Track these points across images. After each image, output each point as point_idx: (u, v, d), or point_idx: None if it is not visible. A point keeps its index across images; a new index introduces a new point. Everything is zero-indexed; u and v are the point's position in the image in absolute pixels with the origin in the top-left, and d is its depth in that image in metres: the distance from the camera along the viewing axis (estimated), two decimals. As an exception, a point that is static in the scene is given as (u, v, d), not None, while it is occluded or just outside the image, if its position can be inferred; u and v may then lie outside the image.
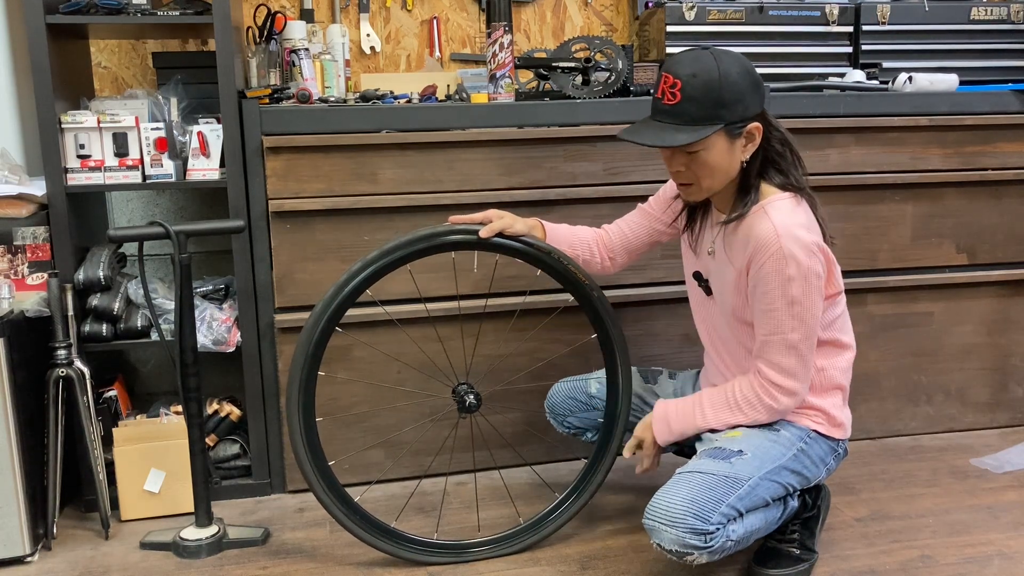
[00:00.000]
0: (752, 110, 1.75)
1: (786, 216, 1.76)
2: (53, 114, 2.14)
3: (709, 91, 1.70)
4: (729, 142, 1.76)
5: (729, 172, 1.80)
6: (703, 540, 1.67)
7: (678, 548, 1.68)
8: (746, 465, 1.76)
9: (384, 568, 2.00)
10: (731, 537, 1.71)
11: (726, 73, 1.71)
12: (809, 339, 1.78)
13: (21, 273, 2.21)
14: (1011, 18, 2.78)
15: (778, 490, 1.81)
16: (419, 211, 2.30)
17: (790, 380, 1.79)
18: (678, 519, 1.67)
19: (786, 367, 1.78)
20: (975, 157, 2.57)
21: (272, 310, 2.28)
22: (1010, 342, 2.70)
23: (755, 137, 1.77)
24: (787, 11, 2.69)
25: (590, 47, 2.45)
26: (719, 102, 1.71)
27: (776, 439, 1.84)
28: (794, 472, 1.83)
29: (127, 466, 2.20)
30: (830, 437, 1.90)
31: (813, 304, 1.76)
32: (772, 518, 1.83)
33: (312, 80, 2.44)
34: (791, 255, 1.73)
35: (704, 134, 1.71)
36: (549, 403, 2.24)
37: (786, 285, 1.74)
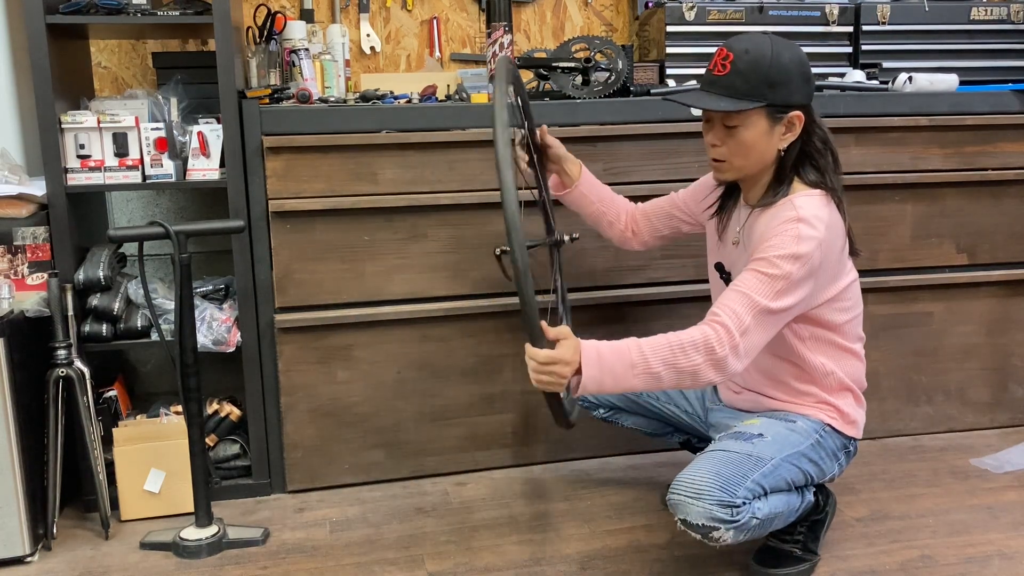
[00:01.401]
0: (797, 98, 1.76)
1: (813, 207, 1.75)
2: (53, 114, 2.14)
3: (758, 68, 1.72)
4: (769, 124, 1.76)
5: (764, 156, 1.80)
6: (730, 513, 1.66)
7: (705, 522, 1.66)
8: (768, 447, 1.78)
9: (384, 568, 2.00)
10: (756, 515, 1.70)
11: (778, 55, 1.73)
12: (774, 322, 1.72)
13: (21, 273, 2.21)
14: (1011, 18, 2.78)
15: (798, 476, 1.81)
16: (419, 211, 2.30)
17: (744, 339, 1.68)
18: (704, 492, 1.66)
19: (746, 326, 1.68)
20: (975, 157, 2.57)
21: (272, 310, 2.28)
22: (1010, 342, 2.70)
23: (795, 127, 1.78)
24: (787, 11, 2.69)
25: (590, 47, 2.46)
26: (766, 80, 1.72)
27: (793, 428, 1.85)
28: (812, 461, 1.84)
29: (127, 466, 2.20)
30: (843, 433, 1.90)
31: (796, 292, 1.72)
32: (792, 506, 1.82)
33: (312, 80, 2.44)
34: (807, 237, 1.71)
35: (745, 106, 1.73)
36: None
37: (786, 259, 1.70)
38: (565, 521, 2.20)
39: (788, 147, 1.80)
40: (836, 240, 1.79)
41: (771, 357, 1.91)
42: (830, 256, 1.78)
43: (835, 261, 1.81)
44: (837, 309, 1.86)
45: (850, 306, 1.89)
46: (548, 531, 2.15)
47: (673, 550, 2.04)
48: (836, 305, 1.85)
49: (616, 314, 2.46)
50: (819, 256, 1.73)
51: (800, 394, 1.91)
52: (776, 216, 1.77)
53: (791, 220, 1.73)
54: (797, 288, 1.72)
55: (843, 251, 1.84)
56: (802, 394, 1.91)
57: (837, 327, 1.87)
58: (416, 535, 2.14)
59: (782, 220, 1.75)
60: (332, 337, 2.32)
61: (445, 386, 2.38)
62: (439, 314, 2.34)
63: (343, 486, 2.40)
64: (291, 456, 2.35)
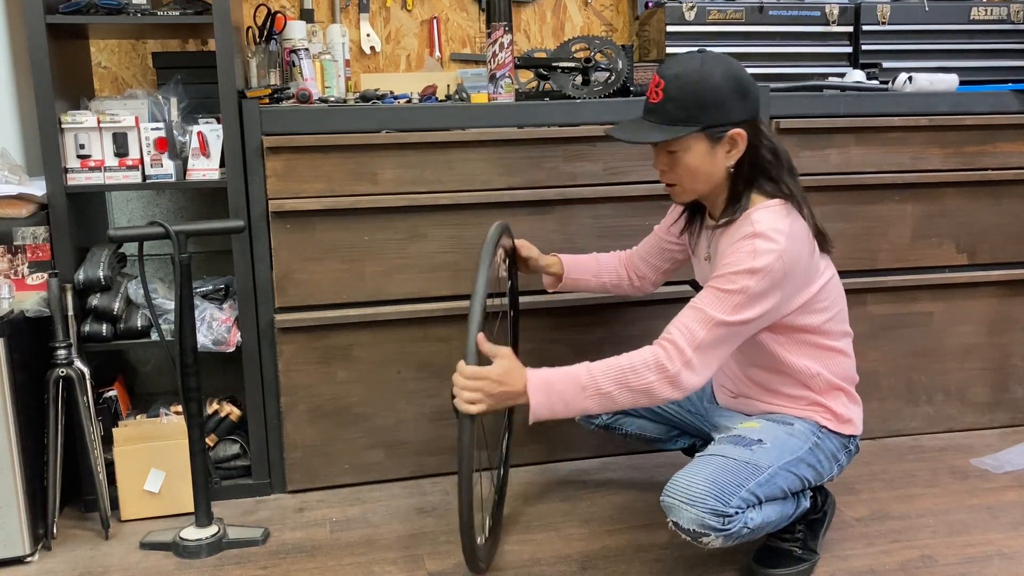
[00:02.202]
0: (735, 116, 1.74)
1: (769, 219, 1.74)
2: (53, 114, 2.14)
3: (690, 93, 1.72)
4: (709, 145, 1.76)
5: (712, 177, 1.80)
6: (722, 522, 1.65)
7: (696, 528, 1.66)
8: (767, 454, 1.77)
9: (384, 568, 2.00)
10: (748, 524, 1.70)
11: (708, 76, 1.72)
12: (733, 335, 1.71)
13: (21, 273, 2.21)
14: (1011, 18, 2.78)
15: (795, 482, 1.80)
16: (419, 211, 2.30)
17: (698, 354, 1.67)
18: (698, 499, 1.65)
19: (700, 340, 1.67)
20: (975, 157, 2.57)
21: (272, 310, 2.28)
22: (1010, 342, 2.70)
23: (738, 144, 1.76)
24: (787, 11, 2.69)
25: (590, 47, 2.45)
26: (699, 104, 1.72)
27: (792, 432, 1.84)
28: (810, 466, 1.83)
29: (127, 466, 2.20)
30: (840, 433, 1.90)
31: (757, 305, 1.70)
32: (786, 512, 1.82)
33: (312, 80, 2.44)
34: (764, 250, 1.69)
35: (677, 134, 1.73)
36: None
37: (743, 274, 1.69)
38: (565, 521, 2.20)
39: (737, 164, 1.78)
40: (801, 248, 1.76)
41: (756, 367, 1.92)
42: (796, 265, 1.75)
43: (804, 269, 1.78)
44: (813, 311, 1.83)
45: (827, 306, 1.86)
46: (548, 531, 2.15)
47: (673, 550, 2.04)
48: (811, 307, 1.83)
49: (615, 315, 2.46)
50: (781, 267, 1.70)
51: (792, 398, 1.91)
52: (736, 233, 1.77)
53: (748, 236, 1.72)
54: (757, 301, 1.70)
55: (812, 255, 1.81)
56: (794, 398, 1.91)
57: (816, 328, 1.85)
58: (416, 535, 2.14)
59: (740, 237, 1.74)
60: (332, 337, 2.32)
61: (445, 386, 2.38)
62: (439, 314, 2.34)
63: (343, 486, 2.40)
64: (291, 456, 2.35)
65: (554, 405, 1.69)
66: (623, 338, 2.48)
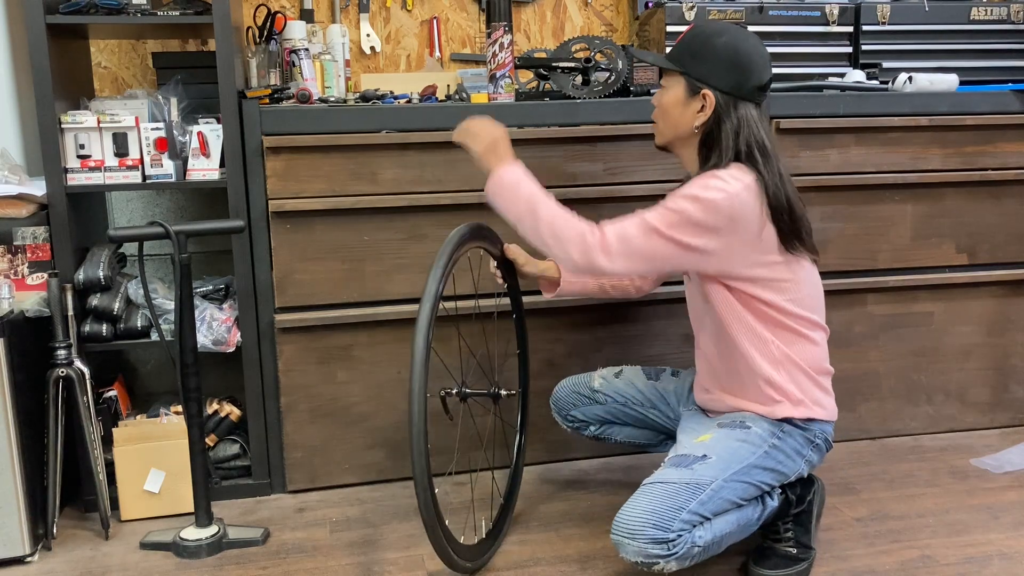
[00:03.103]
0: (715, 80, 1.82)
1: (734, 170, 1.79)
2: (53, 114, 2.14)
3: (690, 40, 1.87)
4: (686, 95, 1.86)
5: (678, 125, 1.88)
6: (665, 548, 1.67)
7: (642, 559, 1.69)
8: (709, 469, 1.76)
9: (384, 568, 2.00)
10: (697, 543, 1.70)
11: (714, 35, 1.85)
12: (661, 246, 1.77)
13: (21, 273, 2.21)
14: (1011, 18, 2.78)
15: (749, 490, 1.80)
16: (419, 211, 2.30)
17: (618, 243, 1.77)
18: (638, 531, 1.68)
19: (627, 234, 1.77)
20: (975, 157, 2.57)
21: (272, 310, 2.28)
22: (1010, 342, 2.70)
23: (706, 106, 1.83)
24: (787, 11, 2.69)
25: (590, 47, 2.45)
26: (691, 52, 1.85)
27: (745, 438, 1.84)
28: (767, 469, 1.83)
29: (127, 466, 2.20)
30: (803, 428, 1.87)
31: (696, 233, 1.76)
32: (748, 519, 1.82)
33: (312, 80, 2.44)
34: (715, 187, 1.75)
35: (664, 64, 1.90)
36: (554, 398, 2.25)
37: (687, 200, 1.76)
38: (565, 521, 2.20)
39: (702, 127, 1.85)
40: (757, 203, 1.78)
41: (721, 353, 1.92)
42: (745, 215, 1.77)
43: (756, 224, 1.79)
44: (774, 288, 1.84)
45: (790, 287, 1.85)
46: (548, 531, 2.15)
47: (673, 550, 2.04)
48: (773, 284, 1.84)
49: (615, 315, 2.46)
50: (727, 207, 1.74)
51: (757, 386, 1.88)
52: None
53: (706, 175, 1.80)
54: (694, 230, 1.75)
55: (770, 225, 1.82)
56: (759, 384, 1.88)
57: (778, 307, 1.85)
58: (416, 535, 2.14)
59: (699, 176, 1.83)
60: (332, 337, 2.32)
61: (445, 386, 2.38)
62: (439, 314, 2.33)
63: (343, 486, 2.40)
64: (291, 456, 2.35)
65: (504, 192, 1.87)
66: (623, 338, 2.48)
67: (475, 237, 1.98)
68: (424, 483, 1.74)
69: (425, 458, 1.74)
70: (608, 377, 2.21)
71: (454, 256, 1.87)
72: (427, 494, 1.75)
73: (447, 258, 1.84)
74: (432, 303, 1.79)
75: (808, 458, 1.90)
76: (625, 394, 2.18)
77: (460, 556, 1.86)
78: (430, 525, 1.77)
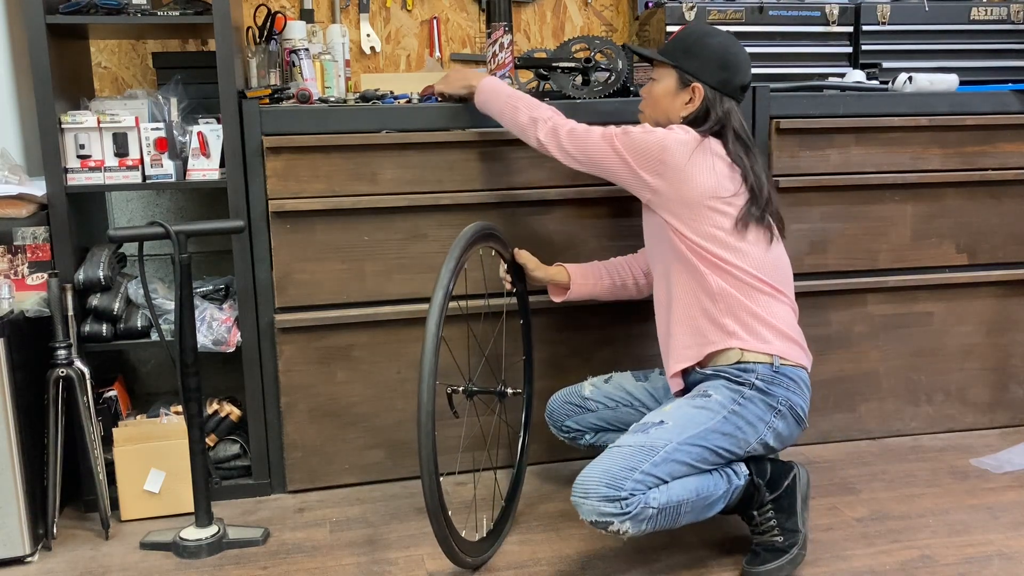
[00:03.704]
0: (706, 76, 1.97)
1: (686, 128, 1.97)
2: (53, 114, 2.14)
3: (683, 37, 2.03)
4: (676, 86, 2.01)
5: (666, 114, 2.03)
6: (619, 507, 1.72)
7: (596, 518, 1.73)
8: (664, 432, 1.82)
9: (384, 568, 2.00)
10: (651, 504, 1.74)
11: (706, 35, 2.02)
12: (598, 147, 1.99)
13: (21, 273, 2.21)
14: (1011, 18, 2.78)
15: (705, 455, 1.82)
16: (419, 211, 2.30)
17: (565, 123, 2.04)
18: (591, 490, 1.73)
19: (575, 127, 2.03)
20: (975, 157, 2.57)
21: (272, 310, 2.28)
22: (1010, 342, 2.70)
23: (695, 97, 1.98)
24: (787, 11, 2.69)
25: (590, 47, 2.45)
26: (683, 48, 2.00)
27: (705, 404, 1.86)
28: (726, 435, 1.84)
29: (127, 466, 2.20)
30: (765, 392, 1.87)
31: (627, 145, 1.95)
32: (709, 490, 1.83)
33: (312, 80, 2.44)
34: (667, 127, 1.97)
35: (658, 57, 2.03)
36: (548, 410, 2.27)
37: (630, 125, 1.99)
38: (565, 521, 2.20)
39: (688, 117, 1.99)
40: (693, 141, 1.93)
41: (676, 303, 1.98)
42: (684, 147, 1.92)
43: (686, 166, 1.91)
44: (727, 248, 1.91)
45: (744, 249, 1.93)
46: (548, 531, 2.15)
47: (673, 551, 2.04)
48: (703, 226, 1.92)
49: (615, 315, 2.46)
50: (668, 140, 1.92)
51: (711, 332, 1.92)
52: None
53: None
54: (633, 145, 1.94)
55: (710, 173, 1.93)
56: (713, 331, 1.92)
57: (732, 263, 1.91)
58: (416, 535, 2.14)
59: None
60: (332, 337, 2.32)
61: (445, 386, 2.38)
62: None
63: (343, 486, 2.40)
64: (291, 456, 2.35)
65: (489, 95, 2.15)
66: (623, 338, 2.48)
67: (488, 237, 2.03)
68: (430, 469, 1.76)
69: (432, 443, 1.76)
70: (598, 384, 2.24)
71: (467, 250, 1.91)
72: (432, 480, 1.76)
73: (461, 250, 1.89)
74: (445, 291, 1.82)
75: (772, 425, 1.89)
76: (615, 398, 2.20)
77: (463, 550, 1.86)
78: (434, 513, 1.77)
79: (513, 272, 2.19)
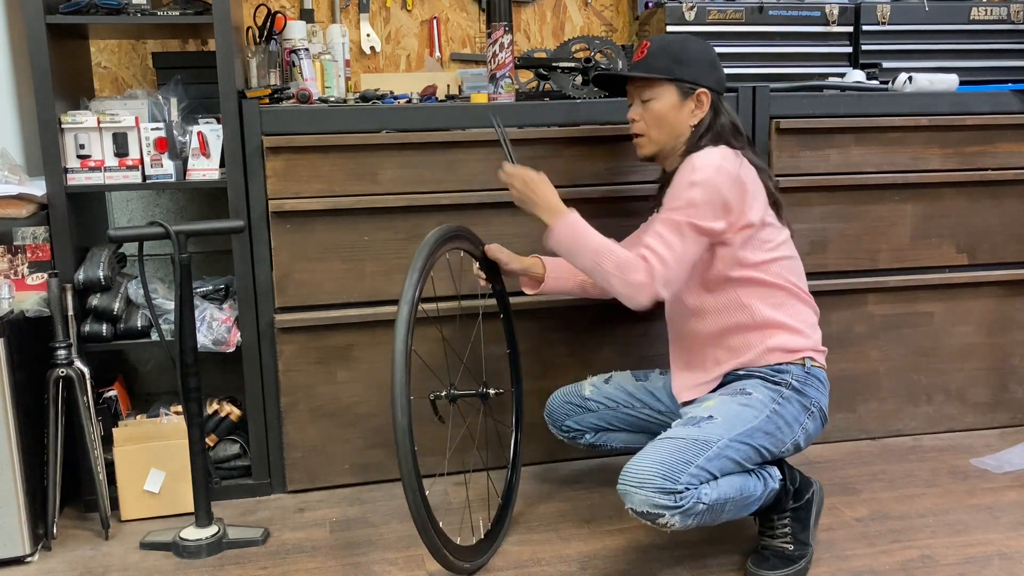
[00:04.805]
0: (704, 80, 1.96)
1: (706, 151, 1.90)
2: (53, 114, 2.14)
3: (668, 50, 1.98)
4: (679, 98, 1.96)
5: (676, 129, 1.97)
6: (673, 500, 1.69)
7: (648, 509, 1.70)
8: (716, 428, 1.80)
9: (384, 568, 2.00)
10: (702, 499, 1.72)
11: (686, 42, 2.00)
12: (690, 244, 1.84)
13: (21, 273, 2.21)
14: (1011, 18, 2.78)
15: (751, 453, 1.82)
16: (419, 211, 2.30)
17: (666, 250, 1.83)
18: (647, 480, 1.70)
19: (668, 240, 1.84)
20: (975, 157, 2.57)
21: (272, 310, 2.28)
22: (1010, 342, 2.70)
23: (703, 103, 1.95)
24: (787, 11, 2.69)
25: (590, 47, 2.45)
26: (675, 60, 1.96)
27: (748, 402, 1.86)
28: (767, 433, 1.84)
29: (127, 466, 2.20)
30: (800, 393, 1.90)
31: (707, 213, 1.84)
32: (749, 489, 1.82)
33: (312, 80, 2.44)
34: (698, 166, 1.86)
35: (654, 75, 1.96)
36: (547, 410, 2.26)
37: (688, 189, 1.84)
38: (565, 521, 2.20)
39: (698, 124, 1.96)
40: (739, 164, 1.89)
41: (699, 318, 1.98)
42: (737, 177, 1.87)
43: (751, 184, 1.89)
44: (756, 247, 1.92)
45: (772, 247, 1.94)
46: (548, 531, 2.15)
47: (673, 550, 2.04)
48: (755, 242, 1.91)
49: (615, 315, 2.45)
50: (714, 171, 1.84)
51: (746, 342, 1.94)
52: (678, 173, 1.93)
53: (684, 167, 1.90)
54: (710, 203, 1.84)
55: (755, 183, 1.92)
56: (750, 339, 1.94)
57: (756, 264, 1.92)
58: (416, 535, 2.11)
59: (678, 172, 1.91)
60: (332, 337, 2.32)
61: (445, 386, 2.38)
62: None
63: (343, 486, 2.40)
64: (291, 456, 2.35)
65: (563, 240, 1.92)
66: (623, 338, 2.48)
67: (452, 239, 1.98)
68: (413, 486, 1.74)
69: (412, 461, 1.75)
70: (598, 384, 2.22)
71: (430, 260, 1.88)
72: (417, 497, 1.75)
73: (423, 261, 1.85)
74: (410, 307, 1.80)
75: (805, 426, 1.92)
76: (616, 398, 2.19)
77: (457, 557, 1.86)
78: (423, 528, 1.77)
79: (486, 269, 2.15)
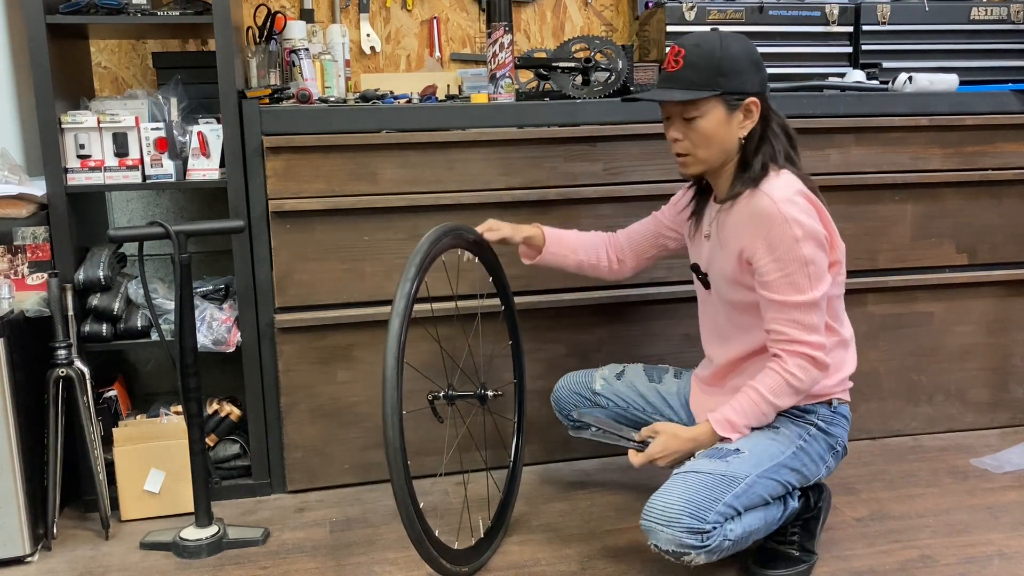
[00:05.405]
0: (751, 86, 1.80)
1: (782, 186, 1.79)
2: (53, 114, 2.14)
3: (710, 60, 1.77)
4: (727, 113, 1.80)
5: (725, 145, 1.83)
6: (700, 539, 1.67)
7: (675, 548, 1.68)
8: (743, 463, 1.77)
9: (384, 568, 2.00)
10: (728, 536, 1.71)
11: (727, 46, 1.78)
12: (824, 297, 1.79)
13: (21, 273, 2.21)
14: (1011, 18, 2.79)
15: (777, 488, 1.81)
16: (419, 211, 2.30)
17: (817, 335, 1.78)
18: (674, 519, 1.67)
19: (811, 324, 1.77)
20: (975, 157, 2.57)
21: (272, 310, 2.28)
22: (1010, 342, 2.70)
23: (753, 113, 1.81)
24: (787, 11, 2.69)
25: (590, 47, 2.45)
26: (718, 71, 1.77)
27: (775, 437, 1.84)
28: (793, 470, 1.84)
29: (127, 466, 2.20)
30: (827, 432, 1.90)
31: (823, 262, 1.79)
32: (772, 518, 1.83)
33: (312, 80, 2.44)
34: (794, 219, 1.75)
35: (700, 95, 1.77)
36: (554, 396, 2.24)
37: (795, 247, 1.75)
38: (565, 521, 2.20)
39: (748, 135, 1.83)
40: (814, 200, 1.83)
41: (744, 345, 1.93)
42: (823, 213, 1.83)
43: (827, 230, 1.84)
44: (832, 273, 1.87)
45: (838, 278, 1.90)
46: (548, 531, 2.15)
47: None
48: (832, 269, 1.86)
49: (615, 314, 2.46)
50: (807, 218, 1.77)
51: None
52: (753, 211, 1.79)
53: (773, 220, 1.76)
54: (819, 251, 1.78)
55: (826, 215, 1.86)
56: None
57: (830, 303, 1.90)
58: (416, 535, 2.13)
59: (762, 216, 1.77)
60: (332, 337, 2.32)
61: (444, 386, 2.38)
62: (439, 314, 2.33)
63: (343, 486, 2.40)
64: (291, 456, 2.35)
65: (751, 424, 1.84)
66: (623, 338, 2.48)
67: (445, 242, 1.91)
68: (407, 503, 1.72)
69: (405, 478, 1.73)
70: (609, 379, 2.19)
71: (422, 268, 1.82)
72: (410, 511, 1.73)
73: (416, 268, 1.80)
74: (401, 320, 1.76)
75: (829, 465, 1.93)
76: (627, 398, 2.17)
77: (453, 563, 1.86)
78: (417, 541, 1.76)
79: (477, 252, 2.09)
